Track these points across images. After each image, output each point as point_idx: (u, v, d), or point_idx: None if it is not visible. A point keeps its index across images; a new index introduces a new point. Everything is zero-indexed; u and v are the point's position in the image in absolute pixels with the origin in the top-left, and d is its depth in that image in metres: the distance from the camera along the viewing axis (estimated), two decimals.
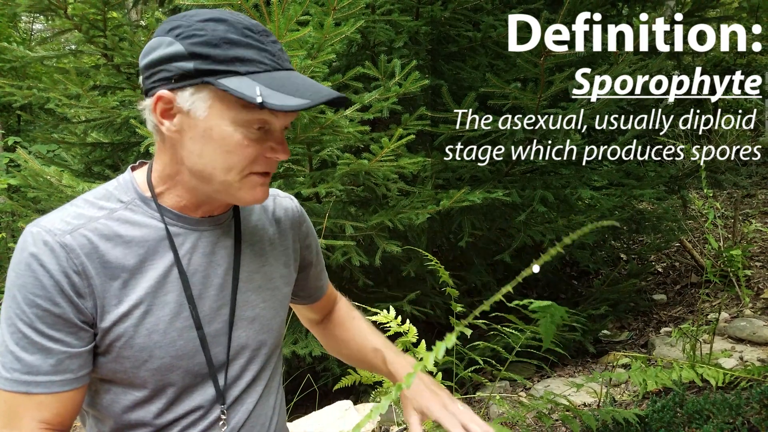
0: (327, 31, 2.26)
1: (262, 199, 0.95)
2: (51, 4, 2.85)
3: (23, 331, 0.86)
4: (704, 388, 2.56)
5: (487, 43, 3.22)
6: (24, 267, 0.86)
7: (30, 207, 3.54)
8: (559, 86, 2.56)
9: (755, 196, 5.94)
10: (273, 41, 0.91)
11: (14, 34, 7.58)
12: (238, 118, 0.87)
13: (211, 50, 0.86)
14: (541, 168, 3.43)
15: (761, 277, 4.08)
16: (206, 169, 0.90)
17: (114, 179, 0.99)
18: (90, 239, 0.89)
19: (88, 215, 0.91)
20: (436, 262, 2.14)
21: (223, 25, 0.87)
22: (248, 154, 0.89)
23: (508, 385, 3.11)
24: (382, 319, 2.12)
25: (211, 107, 0.87)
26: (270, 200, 1.12)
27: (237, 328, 1.00)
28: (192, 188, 0.94)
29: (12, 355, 0.86)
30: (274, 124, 0.91)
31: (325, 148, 2.66)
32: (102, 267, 0.89)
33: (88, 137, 3.46)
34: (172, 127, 0.90)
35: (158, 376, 0.93)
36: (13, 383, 0.86)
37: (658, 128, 4.54)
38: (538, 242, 3.40)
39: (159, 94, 0.89)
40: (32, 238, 0.87)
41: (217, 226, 0.99)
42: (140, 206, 0.94)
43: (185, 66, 0.86)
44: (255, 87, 0.84)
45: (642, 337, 3.71)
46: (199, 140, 0.89)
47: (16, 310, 0.86)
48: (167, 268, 0.93)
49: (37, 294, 0.85)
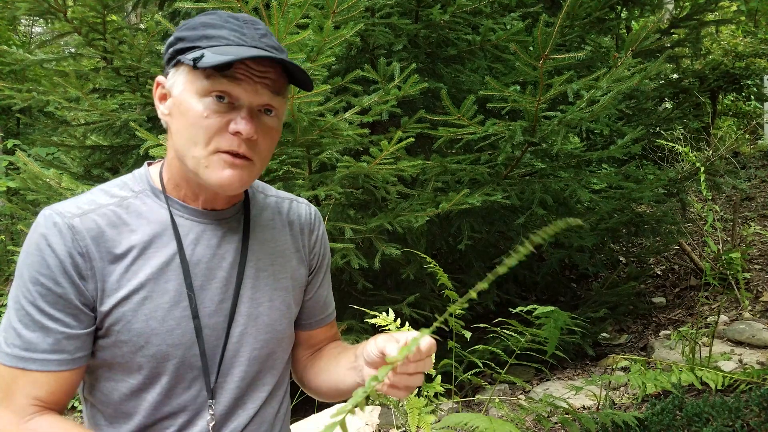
0: (326, 34, 2.26)
1: (229, 183, 0.92)
2: (51, 7, 2.86)
3: (26, 309, 0.89)
4: (703, 391, 2.56)
5: (486, 46, 3.22)
6: (33, 246, 0.90)
7: (29, 210, 3.53)
8: (558, 89, 2.56)
9: (754, 199, 5.95)
10: (256, 28, 0.92)
11: (14, 37, 7.59)
12: (200, 89, 0.89)
13: (188, 32, 0.91)
14: (540, 171, 3.43)
15: (760, 280, 4.08)
16: (181, 147, 0.93)
17: (131, 172, 1.03)
18: (98, 224, 0.92)
19: (99, 202, 0.95)
20: (435, 265, 2.14)
21: (210, 15, 0.92)
22: (209, 126, 0.90)
23: (508, 388, 3.11)
24: (381, 321, 2.12)
25: (184, 83, 0.91)
26: (286, 203, 1.12)
27: (237, 324, 1.00)
28: (182, 173, 0.97)
29: (14, 331, 0.89)
30: (242, 99, 0.90)
31: (324, 151, 2.66)
32: (106, 251, 0.92)
33: (88, 140, 3.46)
34: (165, 110, 0.96)
35: (153, 363, 0.94)
36: (12, 358, 0.89)
37: (657, 131, 4.56)
38: (537, 245, 3.40)
39: (156, 80, 0.96)
40: (44, 219, 0.91)
41: (222, 221, 1.00)
42: (150, 196, 0.98)
43: (170, 50, 0.93)
44: (200, 52, 0.87)
45: (641, 340, 3.71)
46: (177, 117, 0.93)
47: (22, 288, 0.89)
48: (170, 257, 0.95)
49: (41, 273, 0.88)
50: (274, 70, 0.92)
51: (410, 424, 1.72)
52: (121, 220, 0.94)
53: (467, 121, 2.68)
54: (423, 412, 1.76)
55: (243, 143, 0.90)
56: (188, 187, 0.98)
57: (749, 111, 8.40)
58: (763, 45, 7.21)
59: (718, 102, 7.62)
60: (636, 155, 5.22)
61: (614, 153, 3.27)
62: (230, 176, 0.91)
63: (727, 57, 7.09)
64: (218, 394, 0.99)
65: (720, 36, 7.47)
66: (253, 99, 0.90)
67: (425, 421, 1.72)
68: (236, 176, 0.91)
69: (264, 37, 0.91)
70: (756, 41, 7.33)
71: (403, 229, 2.72)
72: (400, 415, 2.51)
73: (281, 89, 0.94)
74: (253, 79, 0.90)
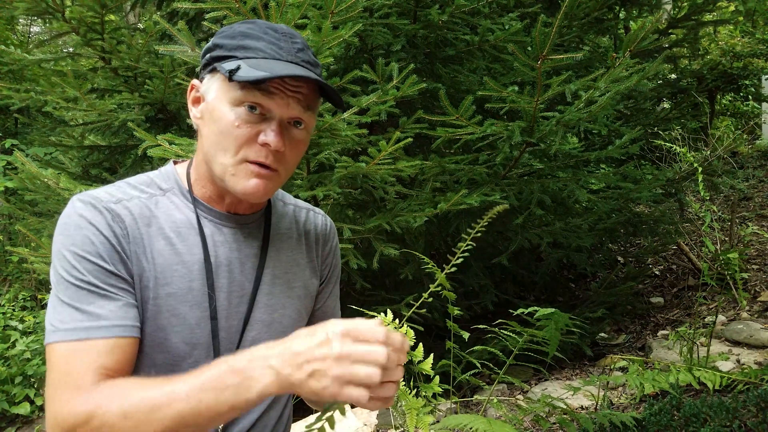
0: (325, 34, 2.26)
1: (254, 192, 0.93)
2: (49, 7, 2.85)
3: (78, 286, 0.87)
4: (701, 391, 2.56)
5: (484, 46, 3.22)
6: (74, 227, 0.89)
7: (27, 210, 3.53)
8: (556, 90, 2.56)
9: (752, 199, 5.95)
10: (294, 42, 0.93)
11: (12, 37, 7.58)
12: (233, 98, 0.90)
13: (226, 41, 0.92)
14: (538, 171, 3.43)
15: (758, 280, 4.09)
16: (209, 152, 0.94)
17: (156, 170, 1.03)
18: (131, 212, 0.94)
19: (130, 193, 0.96)
20: (433, 265, 2.14)
21: (249, 24, 0.94)
22: (239, 135, 0.91)
23: (506, 389, 3.11)
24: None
25: (218, 90, 0.93)
26: (303, 213, 1.14)
27: (251, 329, 1.01)
28: (209, 176, 0.98)
29: (69, 309, 0.86)
30: (273, 111, 0.91)
31: (322, 151, 2.66)
32: (139, 239, 0.93)
33: (86, 140, 3.46)
34: (197, 114, 0.97)
35: (170, 360, 0.94)
36: (71, 332, 0.85)
37: (655, 131, 4.56)
38: (536, 245, 3.41)
39: (192, 82, 0.98)
40: (80, 203, 0.91)
41: (243, 226, 1.02)
42: (177, 195, 0.99)
43: (207, 56, 0.94)
44: (236, 64, 0.88)
45: (639, 340, 3.72)
46: (208, 122, 0.94)
47: (67, 268, 0.87)
48: (195, 257, 0.96)
49: (87, 250, 0.88)
50: (307, 86, 0.93)
51: (408, 424, 1.72)
52: (151, 214, 0.95)
53: (465, 122, 2.68)
54: (421, 412, 1.76)
55: (270, 154, 0.92)
56: (214, 190, 0.99)
57: (747, 111, 8.41)
58: (761, 45, 7.22)
59: (716, 102, 7.63)
60: (634, 155, 5.23)
61: (612, 153, 3.27)
62: (255, 186, 0.92)
63: (725, 57, 7.09)
64: None
65: (718, 36, 7.47)
66: (284, 112, 0.91)
67: (423, 422, 1.72)
68: (261, 186, 0.93)
69: (300, 52, 0.92)
70: (754, 41, 7.34)
71: (401, 229, 2.73)
72: (398, 416, 2.51)
73: (312, 104, 0.95)
74: (285, 93, 0.90)
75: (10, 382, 3.87)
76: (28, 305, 5.20)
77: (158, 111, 3.15)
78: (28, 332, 4.48)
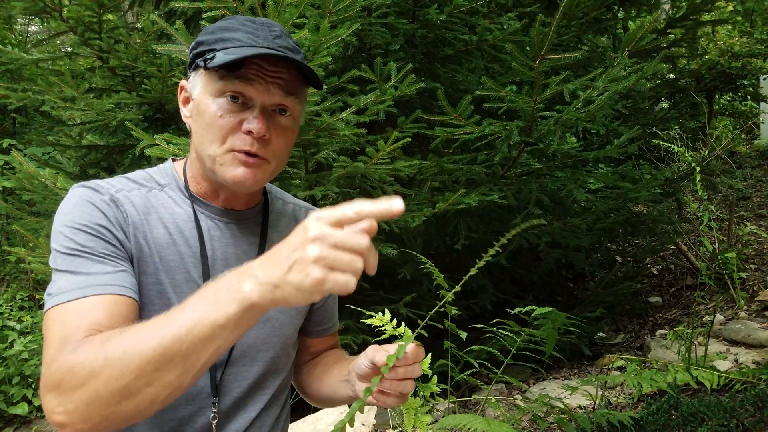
0: (323, 33, 2.26)
1: (243, 180, 0.93)
2: (46, 6, 2.85)
3: (74, 254, 0.87)
4: (699, 390, 2.56)
5: (482, 46, 3.22)
6: (73, 206, 0.90)
7: (24, 209, 3.52)
8: (554, 89, 2.56)
9: (750, 199, 5.96)
10: (271, 30, 0.93)
11: (10, 36, 7.56)
12: (214, 90, 0.92)
13: (206, 36, 0.94)
14: (536, 171, 3.43)
15: (756, 280, 4.09)
16: (199, 146, 0.96)
17: (154, 166, 1.05)
18: (132, 201, 0.96)
19: (130, 186, 0.98)
20: (432, 265, 2.14)
21: (229, 20, 0.95)
22: (223, 125, 0.92)
23: (504, 388, 3.11)
24: (377, 322, 2.12)
25: (201, 85, 0.94)
26: (302, 212, 1.15)
27: None
28: (203, 172, 1.00)
29: (65, 274, 0.86)
30: (254, 99, 0.92)
31: (321, 151, 2.66)
32: (140, 226, 0.95)
33: (84, 140, 3.45)
34: (187, 112, 0.99)
35: None
36: (69, 293, 0.83)
37: (654, 131, 4.56)
38: (534, 245, 3.41)
39: (180, 84, 1.00)
40: (83, 189, 0.93)
41: (240, 221, 1.03)
42: (174, 190, 1.01)
43: (191, 54, 0.96)
44: (213, 54, 0.90)
45: (637, 340, 3.72)
46: (196, 119, 0.96)
47: (64, 242, 0.88)
48: (192, 251, 0.98)
49: (84, 223, 0.89)
50: (287, 71, 0.93)
51: (406, 424, 1.71)
52: (150, 205, 0.97)
53: (464, 121, 2.68)
54: (419, 412, 1.76)
55: (256, 142, 0.92)
56: (209, 186, 1.01)
57: (745, 111, 8.42)
58: (759, 45, 7.23)
59: (714, 102, 7.63)
60: (632, 155, 5.24)
61: (611, 153, 3.27)
62: (243, 174, 0.93)
63: (723, 57, 7.10)
64: (222, 392, 1.00)
65: (716, 36, 7.48)
66: (265, 98, 0.92)
67: (421, 422, 1.71)
68: (249, 174, 0.94)
69: (278, 39, 0.93)
70: (752, 41, 7.34)
71: (399, 228, 2.72)
72: (396, 416, 2.51)
73: (295, 89, 0.95)
74: (265, 79, 0.91)
75: (7, 383, 3.86)
76: (26, 305, 5.19)
77: (156, 110, 3.15)
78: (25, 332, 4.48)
